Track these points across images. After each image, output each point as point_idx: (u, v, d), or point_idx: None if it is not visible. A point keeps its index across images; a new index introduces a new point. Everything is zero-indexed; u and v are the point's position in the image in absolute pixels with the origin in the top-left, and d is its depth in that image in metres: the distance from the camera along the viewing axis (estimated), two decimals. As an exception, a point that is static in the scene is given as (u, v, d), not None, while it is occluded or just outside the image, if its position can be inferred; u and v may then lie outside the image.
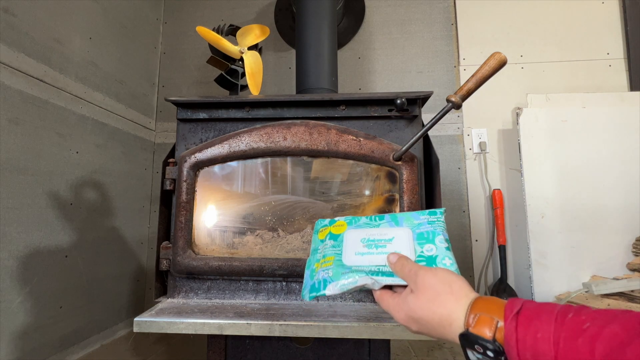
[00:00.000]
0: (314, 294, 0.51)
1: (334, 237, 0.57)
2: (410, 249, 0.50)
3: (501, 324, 0.35)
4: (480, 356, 0.36)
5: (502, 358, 0.35)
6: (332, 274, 0.50)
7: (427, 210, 0.56)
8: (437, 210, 0.55)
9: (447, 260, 0.48)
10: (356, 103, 0.90)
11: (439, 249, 0.50)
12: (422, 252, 0.50)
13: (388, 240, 0.52)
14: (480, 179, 1.75)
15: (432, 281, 0.41)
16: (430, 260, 0.49)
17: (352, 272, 0.49)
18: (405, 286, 0.46)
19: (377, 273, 0.49)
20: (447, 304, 0.39)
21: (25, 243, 1.15)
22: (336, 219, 0.61)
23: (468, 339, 0.36)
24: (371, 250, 0.52)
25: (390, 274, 0.48)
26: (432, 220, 0.55)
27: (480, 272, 1.68)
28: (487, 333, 0.35)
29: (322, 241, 0.58)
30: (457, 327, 0.38)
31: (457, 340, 0.38)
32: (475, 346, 0.36)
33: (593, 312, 0.34)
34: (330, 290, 0.49)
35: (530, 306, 0.36)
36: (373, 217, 0.59)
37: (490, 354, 0.35)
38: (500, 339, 0.35)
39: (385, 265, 0.49)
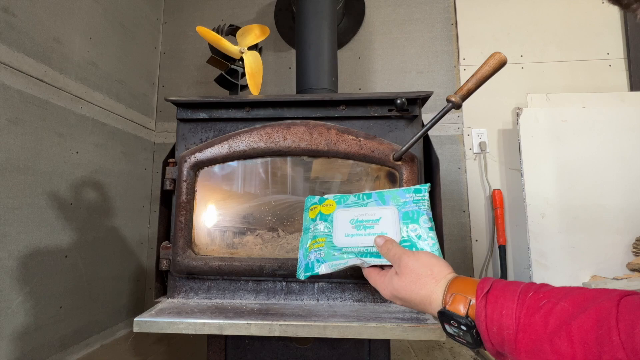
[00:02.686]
0: (308, 273, 0.55)
1: (324, 217, 0.60)
2: (396, 229, 0.54)
3: (473, 301, 0.41)
4: (455, 330, 0.42)
5: (473, 331, 0.40)
6: (324, 254, 0.54)
7: (413, 188, 0.59)
8: (422, 188, 0.58)
9: (430, 241, 0.53)
10: (356, 103, 0.90)
11: (423, 228, 0.54)
12: (407, 231, 0.54)
13: (375, 221, 0.55)
14: (480, 179, 1.75)
15: (414, 265, 0.47)
16: (413, 243, 0.53)
17: (343, 254, 0.53)
18: (391, 266, 0.51)
19: (365, 254, 0.53)
20: (427, 286, 0.45)
21: (25, 243, 1.15)
22: (325, 197, 0.63)
23: (445, 316, 0.42)
24: (360, 231, 0.55)
25: (377, 255, 0.52)
26: (417, 199, 0.57)
27: (481, 272, 1.68)
28: (461, 310, 0.41)
29: (312, 220, 0.61)
30: (436, 306, 0.43)
31: (436, 315, 0.44)
32: (451, 321, 0.41)
33: (550, 290, 0.38)
34: (322, 270, 0.53)
35: (498, 285, 0.41)
36: (361, 195, 0.61)
37: (463, 327, 0.40)
38: (472, 315, 0.40)
39: (372, 247, 0.53)
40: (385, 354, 0.88)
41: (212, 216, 0.93)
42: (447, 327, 0.42)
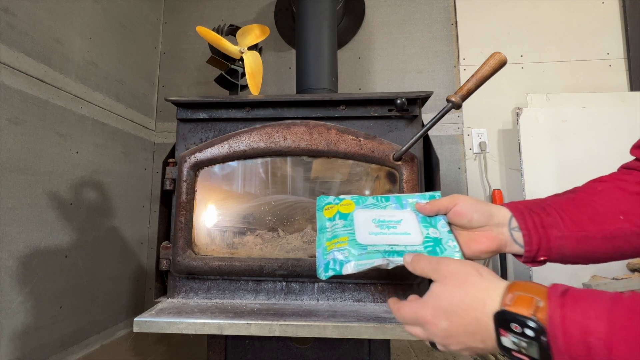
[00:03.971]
0: (330, 273, 0.51)
1: (343, 216, 0.58)
2: (418, 230, 0.53)
3: (542, 303, 0.31)
4: (516, 339, 0.32)
5: (543, 338, 0.30)
6: (349, 254, 0.51)
7: (428, 194, 0.59)
8: (436, 194, 0.59)
9: (451, 243, 0.51)
10: (356, 103, 0.90)
11: (442, 232, 0.52)
12: (427, 234, 0.52)
13: (397, 222, 0.55)
14: (480, 179, 1.75)
15: (458, 266, 0.39)
16: (437, 242, 0.51)
17: (369, 253, 0.51)
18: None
19: (391, 253, 0.51)
20: (480, 284, 0.36)
21: (25, 243, 1.15)
22: (342, 197, 0.62)
23: (504, 318, 0.32)
24: (383, 230, 0.54)
25: (403, 254, 0.50)
26: None
27: (480, 272, 1.68)
28: (526, 311, 0.31)
29: (330, 219, 0.59)
30: (492, 307, 0.34)
31: (491, 331, 0.33)
32: (512, 324, 0.32)
33: None
34: (347, 269, 0.50)
35: (576, 289, 0.33)
36: (379, 197, 0.61)
37: (529, 332, 0.31)
38: (542, 320, 0.31)
39: (398, 245, 0.51)
40: (385, 354, 0.88)
41: (212, 216, 0.93)
42: (503, 337, 0.33)
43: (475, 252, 0.50)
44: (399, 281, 0.83)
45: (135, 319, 0.72)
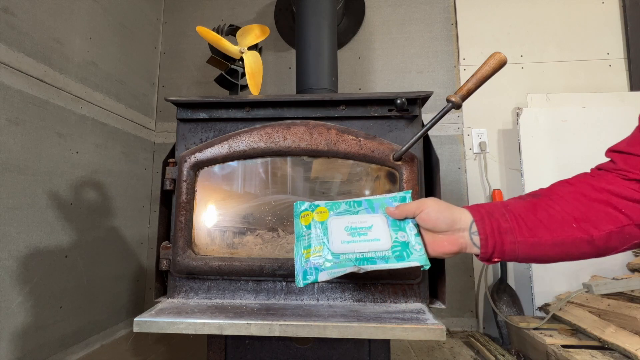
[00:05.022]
0: (308, 280, 0.57)
1: (318, 224, 0.62)
2: (387, 235, 0.58)
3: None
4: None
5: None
6: (323, 262, 0.57)
7: (399, 196, 0.62)
8: (406, 195, 0.62)
9: (418, 246, 0.57)
10: (356, 103, 0.90)
11: (410, 236, 0.58)
12: (396, 238, 0.58)
13: (368, 228, 0.59)
14: (480, 179, 1.75)
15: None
16: (404, 245, 0.57)
17: (341, 262, 0.57)
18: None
19: (362, 260, 0.57)
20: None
21: (25, 243, 1.15)
22: (317, 203, 0.65)
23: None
24: (355, 238, 0.59)
25: (373, 261, 0.57)
26: None
27: (480, 272, 1.68)
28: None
29: (307, 227, 0.63)
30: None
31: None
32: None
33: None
34: (322, 277, 0.57)
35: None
36: (351, 202, 0.64)
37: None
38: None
39: (368, 252, 0.58)
40: (385, 354, 0.88)
41: (212, 216, 0.93)
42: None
43: (439, 253, 0.56)
44: (400, 281, 0.83)
45: (135, 319, 0.72)
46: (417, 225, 0.58)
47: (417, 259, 0.56)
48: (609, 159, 0.53)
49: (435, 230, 0.56)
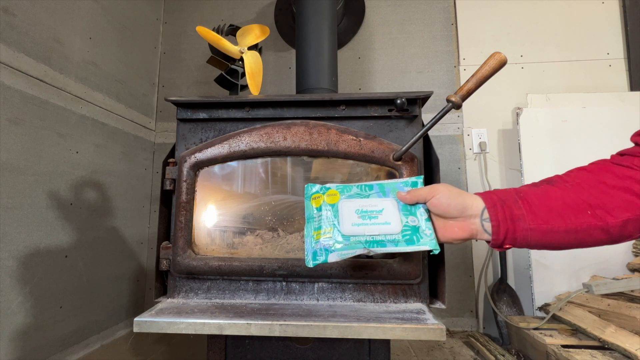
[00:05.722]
0: (318, 261, 0.58)
1: (329, 206, 0.63)
2: (398, 219, 0.59)
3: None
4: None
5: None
6: (333, 243, 0.58)
7: (410, 181, 0.63)
8: (417, 180, 0.62)
9: (428, 231, 0.57)
10: (356, 103, 0.90)
11: (420, 220, 0.58)
12: (407, 222, 0.59)
13: (379, 212, 0.60)
14: (480, 179, 1.75)
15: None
16: (414, 230, 0.58)
17: (351, 244, 0.58)
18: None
19: (372, 243, 0.58)
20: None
21: (25, 243, 1.15)
22: (328, 185, 0.66)
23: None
24: (365, 221, 0.59)
25: (383, 244, 0.57)
26: None
27: (481, 272, 1.68)
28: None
29: (318, 209, 0.64)
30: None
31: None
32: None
33: None
34: (332, 258, 0.57)
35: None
36: (363, 186, 0.64)
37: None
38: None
39: (378, 235, 0.58)
40: (385, 354, 0.88)
41: (212, 216, 0.93)
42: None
43: (449, 238, 0.56)
44: (400, 281, 0.83)
45: (135, 319, 0.72)
46: (428, 211, 0.58)
47: (427, 243, 0.56)
48: (633, 144, 0.52)
49: (446, 216, 0.56)
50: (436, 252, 0.57)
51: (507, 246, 0.52)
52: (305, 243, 0.62)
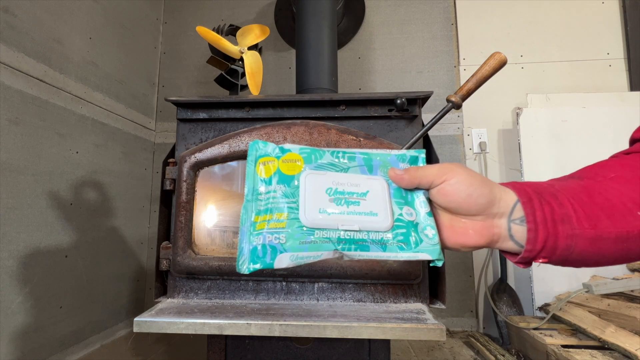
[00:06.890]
0: (257, 266, 0.35)
1: (285, 179, 0.39)
2: (387, 209, 0.38)
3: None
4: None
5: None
6: (286, 240, 0.36)
7: (408, 155, 0.42)
8: (419, 156, 0.42)
9: (430, 231, 0.38)
10: (356, 103, 0.90)
11: (419, 214, 0.39)
12: (400, 214, 0.39)
13: (361, 195, 0.39)
14: (480, 179, 1.75)
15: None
16: (411, 227, 0.38)
17: (315, 242, 0.36)
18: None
19: (348, 243, 0.36)
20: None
21: (25, 243, 1.15)
22: (287, 147, 0.41)
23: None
24: (341, 207, 0.38)
25: (365, 246, 0.37)
26: None
27: (481, 272, 1.68)
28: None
29: (266, 182, 0.39)
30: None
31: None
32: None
33: None
34: (281, 262, 0.35)
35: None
36: (341, 153, 0.42)
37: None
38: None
39: (358, 231, 0.37)
40: (385, 354, 0.88)
41: (212, 216, 0.93)
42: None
43: (457, 244, 0.38)
44: (400, 281, 0.83)
45: (135, 319, 0.72)
46: (430, 200, 0.40)
47: (427, 249, 0.37)
48: (635, 142, 0.43)
49: (460, 212, 0.38)
50: (438, 263, 0.38)
51: (541, 260, 0.36)
52: (239, 234, 0.38)
